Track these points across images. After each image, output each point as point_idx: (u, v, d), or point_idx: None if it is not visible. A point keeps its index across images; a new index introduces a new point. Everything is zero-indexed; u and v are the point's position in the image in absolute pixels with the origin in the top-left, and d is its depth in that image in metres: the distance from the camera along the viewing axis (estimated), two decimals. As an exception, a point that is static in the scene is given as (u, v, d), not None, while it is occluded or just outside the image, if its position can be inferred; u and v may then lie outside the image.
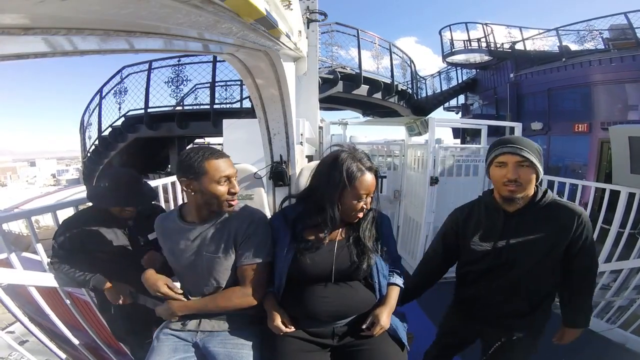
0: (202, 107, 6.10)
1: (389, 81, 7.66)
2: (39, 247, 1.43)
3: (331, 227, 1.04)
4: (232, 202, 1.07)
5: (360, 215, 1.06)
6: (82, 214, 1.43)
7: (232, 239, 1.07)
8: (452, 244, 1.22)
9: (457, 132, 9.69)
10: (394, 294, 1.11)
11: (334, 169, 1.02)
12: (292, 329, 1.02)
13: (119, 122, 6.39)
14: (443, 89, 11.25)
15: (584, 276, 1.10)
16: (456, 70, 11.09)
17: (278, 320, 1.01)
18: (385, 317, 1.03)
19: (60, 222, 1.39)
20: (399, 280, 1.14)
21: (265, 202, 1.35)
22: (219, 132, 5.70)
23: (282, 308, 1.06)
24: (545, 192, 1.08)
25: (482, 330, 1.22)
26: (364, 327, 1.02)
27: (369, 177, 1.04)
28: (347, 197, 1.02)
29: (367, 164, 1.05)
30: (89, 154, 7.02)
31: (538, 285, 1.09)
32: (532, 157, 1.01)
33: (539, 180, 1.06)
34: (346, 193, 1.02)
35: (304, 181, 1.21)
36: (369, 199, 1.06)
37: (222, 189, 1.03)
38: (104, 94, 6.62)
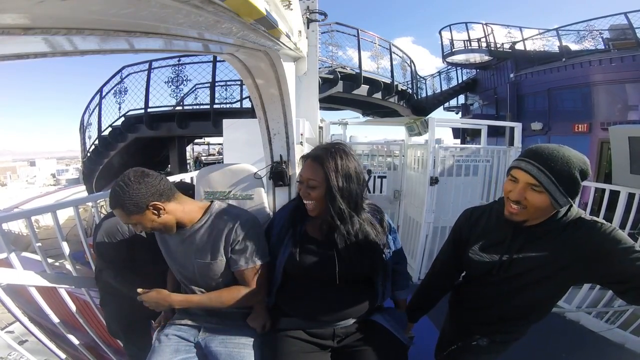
0: (202, 107, 6.10)
1: (389, 81, 7.67)
2: (39, 247, 1.43)
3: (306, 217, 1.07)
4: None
5: (306, 203, 1.03)
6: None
7: (220, 243, 1.04)
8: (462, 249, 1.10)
9: (457, 132, 9.69)
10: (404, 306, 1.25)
11: None
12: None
13: (119, 122, 6.39)
14: (443, 89, 11.24)
15: None
16: (456, 70, 11.08)
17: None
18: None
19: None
20: (404, 295, 1.23)
21: (265, 202, 1.34)
22: (219, 132, 5.70)
23: (280, 306, 1.08)
24: (569, 208, 0.87)
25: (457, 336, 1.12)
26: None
27: (305, 164, 1.04)
28: None
29: (312, 152, 1.03)
30: (88, 154, 7.02)
31: (523, 307, 0.96)
32: (549, 183, 0.81)
33: (563, 207, 0.85)
34: None
35: None
36: (310, 190, 1.01)
37: None
38: (104, 93, 6.62)
